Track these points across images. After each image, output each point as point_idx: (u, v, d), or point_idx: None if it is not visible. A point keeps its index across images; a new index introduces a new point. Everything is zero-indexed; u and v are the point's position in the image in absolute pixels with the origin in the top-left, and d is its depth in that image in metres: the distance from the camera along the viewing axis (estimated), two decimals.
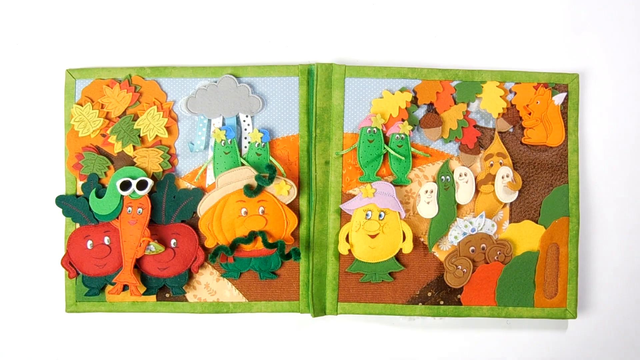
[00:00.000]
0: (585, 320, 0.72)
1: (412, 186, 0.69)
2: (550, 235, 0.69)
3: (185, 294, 0.69)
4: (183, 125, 0.69)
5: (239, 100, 0.69)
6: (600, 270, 0.72)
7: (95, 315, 0.71)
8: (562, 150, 0.70)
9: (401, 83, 0.69)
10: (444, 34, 0.72)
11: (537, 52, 0.72)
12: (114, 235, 0.67)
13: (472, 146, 0.69)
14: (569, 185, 0.70)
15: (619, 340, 0.72)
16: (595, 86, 0.72)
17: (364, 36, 0.72)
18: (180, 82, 0.69)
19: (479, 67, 0.71)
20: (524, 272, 0.69)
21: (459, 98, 0.69)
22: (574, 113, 0.70)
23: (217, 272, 0.69)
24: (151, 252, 0.67)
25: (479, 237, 0.69)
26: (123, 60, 0.71)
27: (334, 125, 0.69)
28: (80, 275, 0.68)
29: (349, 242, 0.68)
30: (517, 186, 0.69)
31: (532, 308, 0.69)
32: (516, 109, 0.70)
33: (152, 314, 0.70)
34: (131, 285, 0.67)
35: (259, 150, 0.69)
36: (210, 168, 0.69)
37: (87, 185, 0.68)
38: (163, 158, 0.68)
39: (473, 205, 0.70)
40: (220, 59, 0.71)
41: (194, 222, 0.69)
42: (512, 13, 0.72)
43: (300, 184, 0.69)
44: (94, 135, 0.68)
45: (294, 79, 0.69)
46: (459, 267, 0.69)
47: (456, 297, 0.69)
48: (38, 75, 0.71)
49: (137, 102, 0.69)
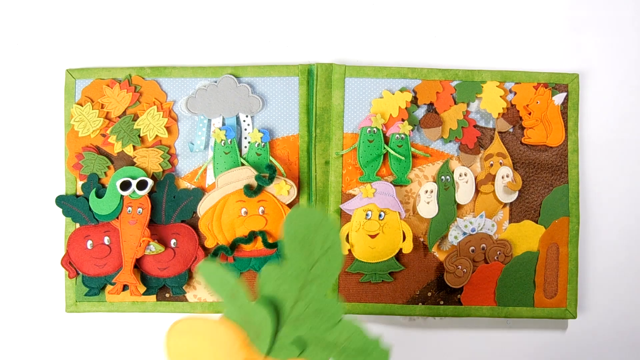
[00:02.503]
0: (585, 320, 0.72)
1: (412, 186, 0.69)
2: (550, 235, 0.69)
3: (185, 294, 0.69)
4: (183, 125, 0.69)
5: (239, 100, 0.69)
6: (600, 270, 0.72)
7: (95, 315, 0.71)
8: (562, 150, 0.70)
9: (401, 83, 0.69)
10: (444, 34, 0.72)
11: (537, 52, 0.72)
12: (114, 235, 0.67)
13: (472, 146, 0.69)
14: (569, 185, 0.70)
15: (619, 340, 0.72)
16: (595, 86, 0.72)
17: (364, 36, 0.72)
18: (180, 82, 0.69)
19: (479, 67, 0.71)
20: (524, 272, 0.69)
21: (459, 98, 0.69)
22: (574, 113, 0.70)
23: None
24: (151, 252, 0.67)
25: (479, 237, 0.69)
26: (123, 60, 0.71)
27: (334, 125, 0.69)
28: (80, 275, 0.68)
29: (349, 242, 0.68)
30: (517, 186, 0.69)
31: (532, 308, 0.69)
32: (516, 109, 0.70)
33: (152, 314, 0.70)
34: (131, 285, 0.67)
35: (259, 150, 0.69)
36: (210, 168, 0.69)
37: (87, 185, 0.68)
38: (163, 158, 0.68)
39: (473, 205, 0.70)
40: (220, 59, 0.71)
41: (194, 222, 0.69)
42: (511, 13, 0.72)
43: (300, 184, 0.69)
44: (94, 135, 0.68)
45: (294, 79, 0.69)
46: (459, 267, 0.69)
47: (456, 297, 0.69)
48: (38, 75, 0.71)
49: (137, 102, 0.69)
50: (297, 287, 0.46)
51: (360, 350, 0.47)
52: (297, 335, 0.47)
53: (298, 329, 0.47)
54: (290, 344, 0.47)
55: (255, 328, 0.46)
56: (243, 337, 0.47)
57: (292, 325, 0.47)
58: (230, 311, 0.47)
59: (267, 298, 0.46)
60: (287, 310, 0.47)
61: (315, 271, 0.46)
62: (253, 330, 0.47)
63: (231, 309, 0.47)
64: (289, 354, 0.47)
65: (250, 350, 0.46)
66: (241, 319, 0.47)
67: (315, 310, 0.46)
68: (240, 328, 0.47)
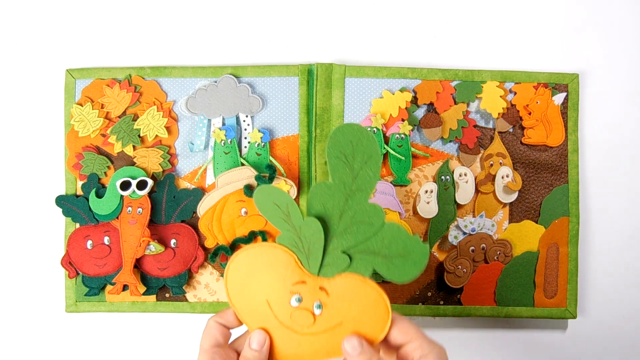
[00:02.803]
0: (585, 320, 0.72)
1: (412, 186, 0.69)
2: (550, 235, 0.69)
3: (185, 294, 0.69)
4: (183, 125, 0.69)
5: (239, 100, 0.69)
6: (600, 270, 0.72)
7: (95, 315, 0.71)
8: (562, 150, 0.70)
9: (401, 83, 0.69)
10: (444, 34, 0.72)
11: (537, 52, 0.72)
12: (114, 235, 0.67)
13: (472, 146, 0.69)
14: (569, 185, 0.70)
15: (619, 340, 0.72)
16: (595, 86, 0.72)
17: (364, 36, 0.72)
18: (180, 82, 0.69)
19: (479, 67, 0.71)
20: (524, 272, 0.69)
21: (459, 98, 0.69)
22: (573, 113, 0.70)
23: (217, 272, 0.69)
24: (151, 252, 0.67)
25: (479, 237, 0.69)
26: (123, 60, 0.71)
27: (334, 125, 0.69)
28: (80, 275, 0.68)
29: None
30: (517, 186, 0.69)
31: (532, 308, 0.69)
32: (516, 109, 0.70)
33: (152, 314, 0.70)
34: (131, 285, 0.67)
35: (259, 150, 0.69)
36: (210, 168, 0.69)
37: (87, 185, 0.68)
38: (163, 158, 0.68)
39: (473, 205, 0.70)
40: (220, 59, 0.71)
41: (194, 222, 0.69)
42: (511, 13, 0.72)
43: (300, 184, 0.69)
44: (94, 135, 0.68)
45: (294, 79, 0.69)
46: (459, 267, 0.69)
47: (456, 297, 0.69)
48: (38, 75, 0.71)
49: (137, 102, 0.69)
50: (342, 200, 0.51)
51: (402, 253, 0.51)
52: (345, 248, 0.51)
53: (345, 242, 0.51)
54: (341, 254, 0.51)
55: (306, 249, 0.51)
56: (295, 259, 0.52)
57: (339, 238, 0.51)
58: (283, 237, 0.52)
59: (316, 215, 0.51)
60: (335, 224, 0.52)
61: (357, 182, 0.51)
62: (304, 253, 0.52)
63: (284, 234, 0.52)
64: (338, 267, 0.51)
65: (303, 270, 0.52)
66: (293, 243, 0.52)
67: (359, 220, 0.51)
68: (292, 252, 0.52)
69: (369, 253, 0.51)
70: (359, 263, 0.52)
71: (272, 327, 0.52)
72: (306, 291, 0.52)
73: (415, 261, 0.51)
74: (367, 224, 0.51)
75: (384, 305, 0.51)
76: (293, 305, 0.52)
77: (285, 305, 0.52)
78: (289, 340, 0.52)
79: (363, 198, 0.51)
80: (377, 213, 0.51)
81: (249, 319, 0.53)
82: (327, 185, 0.51)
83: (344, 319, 0.51)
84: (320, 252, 0.52)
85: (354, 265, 0.52)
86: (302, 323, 0.51)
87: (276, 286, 0.52)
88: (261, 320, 0.52)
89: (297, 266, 0.52)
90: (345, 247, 0.52)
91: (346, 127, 0.51)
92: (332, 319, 0.51)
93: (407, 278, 0.51)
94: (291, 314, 0.52)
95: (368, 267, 0.51)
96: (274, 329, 0.52)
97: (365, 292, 0.51)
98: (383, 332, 0.50)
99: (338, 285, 0.52)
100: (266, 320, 0.52)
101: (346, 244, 0.52)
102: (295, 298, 0.52)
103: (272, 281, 0.52)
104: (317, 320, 0.51)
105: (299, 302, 0.52)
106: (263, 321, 0.52)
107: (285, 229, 0.52)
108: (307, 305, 0.51)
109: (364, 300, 0.51)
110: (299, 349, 0.52)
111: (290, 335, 0.52)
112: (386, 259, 0.51)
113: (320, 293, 0.52)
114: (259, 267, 0.52)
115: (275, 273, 0.52)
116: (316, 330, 0.52)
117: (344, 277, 0.51)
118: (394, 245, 0.51)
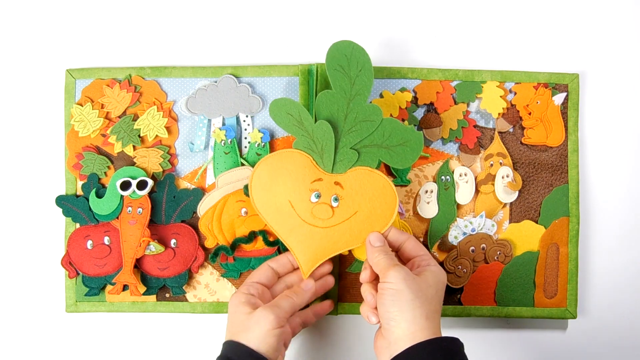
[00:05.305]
0: (585, 320, 0.72)
1: (412, 186, 0.69)
2: (550, 235, 0.69)
3: (185, 294, 0.69)
4: (183, 125, 0.69)
5: (239, 100, 0.69)
6: (600, 270, 0.72)
7: (95, 315, 0.71)
8: (562, 150, 0.70)
9: (401, 83, 0.69)
10: (444, 34, 0.72)
11: (537, 52, 0.72)
12: (114, 235, 0.67)
13: (472, 146, 0.69)
14: (569, 185, 0.70)
15: (619, 340, 0.72)
16: (595, 86, 0.72)
17: (363, 36, 0.72)
18: (180, 82, 0.69)
19: (479, 67, 0.71)
20: (524, 272, 0.69)
21: (459, 98, 0.69)
22: (573, 113, 0.70)
23: (217, 272, 0.69)
24: (151, 252, 0.67)
25: (479, 237, 0.69)
26: (123, 60, 0.71)
27: None
28: (80, 275, 0.68)
29: None
30: (517, 186, 0.69)
31: (532, 308, 0.69)
32: (516, 109, 0.70)
33: (152, 314, 0.70)
34: (131, 285, 0.67)
35: (259, 150, 0.69)
36: (210, 168, 0.69)
37: (87, 185, 0.68)
38: (163, 158, 0.68)
39: (473, 205, 0.70)
40: (220, 59, 0.71)
41: (194, 222, 0.69)
42: (511, 13, 0.72)
43: None
44: (94, 135, 0.68)
45: (294, 79, 0.69)
46: (459, 267, 0.69)
47: (456, 297, 0.69)
48: (38, 75, 0.71)
49: (137, 102, 0.69)
50: (345, 104, 0.60)
51: (401, 142, 0.60)
52: (352, 144, 0.60)
53: (352, 139, 0.60)
54: (350, 150, 0.60)
55: (320, 149, 0.60)
56: (311, 160, 0.61)
57: (347, 136, 0.60)
58: (298, 142, 0.61)
59: (325, 119, 0.60)
60: (341, 125, 0.60)
61: (355, 87, 0.60)
62: (318, 153, 0.61)
63: (299, 139, 0.61)
64: (348, 162, 0.61)
65: (319, 169, 0.61)
66: (307, 146, 0.61)
67: (362, 119, 0.60)
68: (308, 154, 0.61)
69: (373, 146, 0.60)
70: (366, 156, 0.60)
71: (295, 225, 0.60)
72: (323, 187, 0.60)
73: (413, 147, 0.60)
74: (369, 121, 0.60)
75: (391, 190, 0.60)
76: (313, 202, 0.60)
77: (306, 202, 0.60)
78: (311, 236, 0.60)
79: (362, 100, 0.60)
80: (376, 111, 0.60)
81: (274, 221, 0.60)
82: (330, 93, 0.60)
83: (359, 208, 0.60)
84: (332, 151, 0.60)
85: (362, 159, 0.60)
86: (322, 216, 0.59)
87: (297, 186, 0.60)
88: (285, 220, 0.60)
89: (313, 166, 0.60)
90: (352, 144, 0.60)
91: (340, 43, 0.60)
92: (349, 210, 0.60)
93: (408, 163, 0.61)
94: (312, 210, 0.59)
95: (374, 159, 0.60)
96: (297, 227, 0.60)
97: (374, 180, 0.60)
98: (393, 214, 0.60)
99: (350, 178, 0.60)
100: (289, 220, 0.60)
101: (353, 141, 0.60)
102: (314, 194, 0.60)
103: (293, 182, 0.60)
104: (335, 213, 0.60)
105: (318, 198, 0.59)
106: (287, 221, 0.60)
107: (300, 134, 0.60)
108: (326, 199, 0.60)
109: (374, 187, 0.60)
110: (321, 242, 0.60)
111: (312, 231, 0.60)
112: (388, 149, 0.60)
113: (335, 187, 0.60)
114: (280, 172, 0.60)
115: (294, 174, 0.60)
116: (335, 222, 0.60)
117: (354, 170, 0.60)
118: (393, 136, 0.60)
